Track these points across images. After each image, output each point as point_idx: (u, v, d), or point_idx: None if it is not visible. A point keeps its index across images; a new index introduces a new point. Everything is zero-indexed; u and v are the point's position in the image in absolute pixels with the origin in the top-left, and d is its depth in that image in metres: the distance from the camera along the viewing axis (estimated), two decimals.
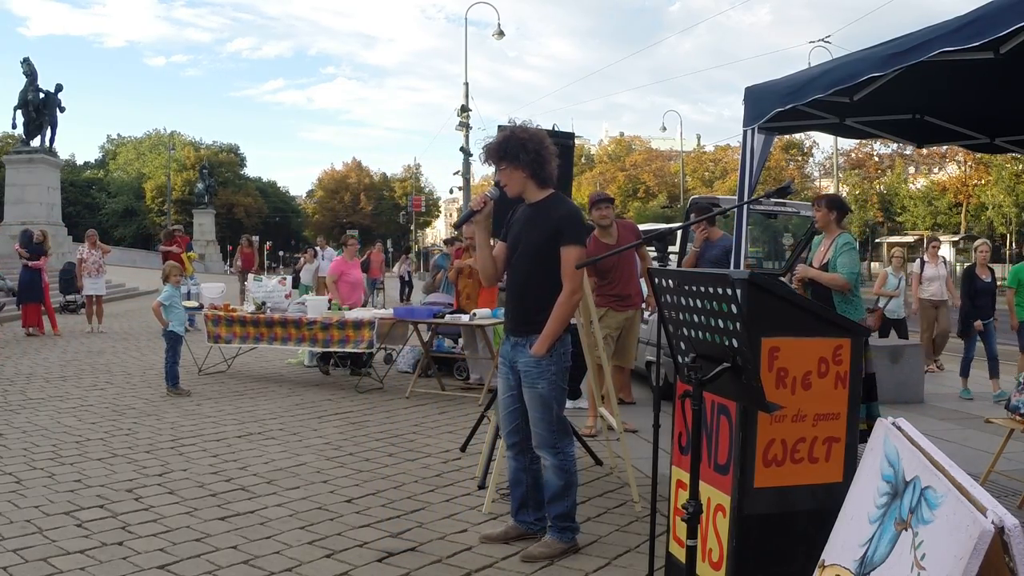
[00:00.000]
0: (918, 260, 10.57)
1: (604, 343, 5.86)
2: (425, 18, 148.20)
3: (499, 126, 5.00)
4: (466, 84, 27.27)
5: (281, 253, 67.71)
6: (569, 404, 7.29)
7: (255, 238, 18.61)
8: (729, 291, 2.36)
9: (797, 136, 46.46)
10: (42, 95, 25.14)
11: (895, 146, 40.89)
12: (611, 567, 3.69)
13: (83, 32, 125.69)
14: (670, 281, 2.78)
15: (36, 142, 25.13)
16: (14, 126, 25.40)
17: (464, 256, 8.62)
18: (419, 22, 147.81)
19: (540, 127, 3.93)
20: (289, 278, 10.18)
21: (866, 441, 2.27)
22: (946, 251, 36.71)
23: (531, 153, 3.65)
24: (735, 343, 2.39)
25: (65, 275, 17.17)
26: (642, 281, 6.76)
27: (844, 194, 43.72)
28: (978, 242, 9.50)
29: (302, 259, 17.58)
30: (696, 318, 2.58)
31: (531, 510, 3.94)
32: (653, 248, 7.01)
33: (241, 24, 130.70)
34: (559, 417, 3.74)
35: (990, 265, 9.14)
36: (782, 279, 5.14)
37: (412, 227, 68.25)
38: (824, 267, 5.29)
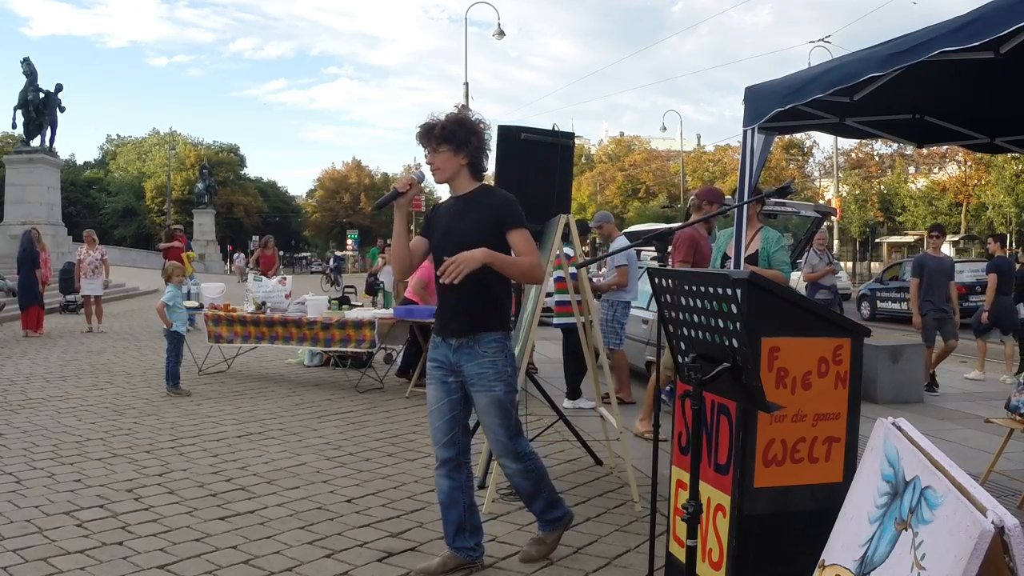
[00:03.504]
0: None
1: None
2: (428, 18, 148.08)
3: (499, 126, 5.01)
4: (466, 84, 27.34)
5: (281, 253, 67.59)
6: (569, 404, 7.33)
7: (270, 238, 16.54)
8: (729, 291, 2.36)
9: (797, 136, 46.45)
10: (42, 95, 25.16)
11: (895, 146, 40.88)
12: (611, 567, 3.69)
13: (86, 32, 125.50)
14: (670, 281, 2.78)
15: (36, 142, 25.15)
16: (14, 126, 25.43)
17: None
18: (421, 22, 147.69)
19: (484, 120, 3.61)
20: (289, 278, 10.12)
21: None
22: (946, 251, 36.71)
23: (479, 141, 3.46)
24: (735, 343, 2.39)
25: (65, 275, 17.18)
26: None
27: (844, 194, 43.74)
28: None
29: (380, 260, 16.08)
30: (696, 318, 2.58)
31: (468, 535, 3.58)
32: (653, 248, 6.99)
33: (243, 24, 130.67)
34: (516, 418, 3.52)
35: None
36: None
37: (412, 227, 68.22)
38: (752, 258, 5.34)
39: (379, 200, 3.54)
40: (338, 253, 51.91)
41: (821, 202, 35.19)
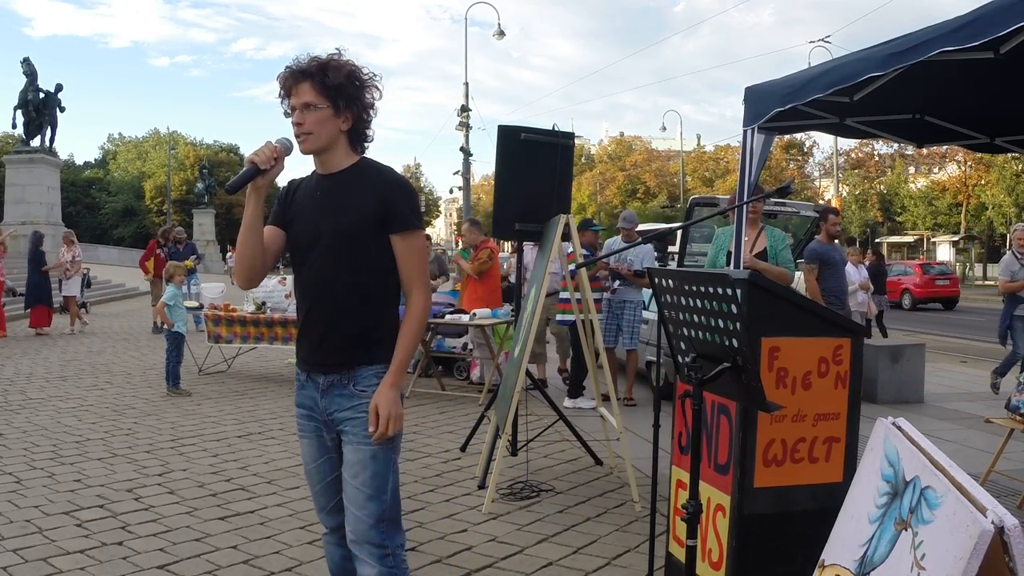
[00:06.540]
0: None
1: None
2: (430, 19, 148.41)
3: (499, 126, 5.01)
4: (466, 84, 27.25)
5: None
6: (569, 404, 7.32)
7: None
8: (729, 291, 2.35)
9: (797, 136, 46.46)
10: (42, 95, 25.18)
11: (895, 146, 40.92)
12: (611, 567, 3.69)
13: (88, 32, 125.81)
14: (670, 281, 2.78)
15: (36, 142, 25.17)
16: (14, 126, 25.45)
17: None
18: (424, 23, 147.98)
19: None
20: (289, 278, 10.10)
21: None
22: (945, 251, 36.75)
23: (371, 103, 2.51)
24: (735, 343, 2.39)
25: None
26: None
27: (844, 194, 43.78)
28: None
29: None
30: (696, 318, 2.58)
31: None
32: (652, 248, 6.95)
33: (246, 25, 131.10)
34: (395, 495, 2.45)
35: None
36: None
37: None
38: (762, 255, 5.41)
39: (233, 180, 2.47)
40: None
41: (821, 202, 35.22)
